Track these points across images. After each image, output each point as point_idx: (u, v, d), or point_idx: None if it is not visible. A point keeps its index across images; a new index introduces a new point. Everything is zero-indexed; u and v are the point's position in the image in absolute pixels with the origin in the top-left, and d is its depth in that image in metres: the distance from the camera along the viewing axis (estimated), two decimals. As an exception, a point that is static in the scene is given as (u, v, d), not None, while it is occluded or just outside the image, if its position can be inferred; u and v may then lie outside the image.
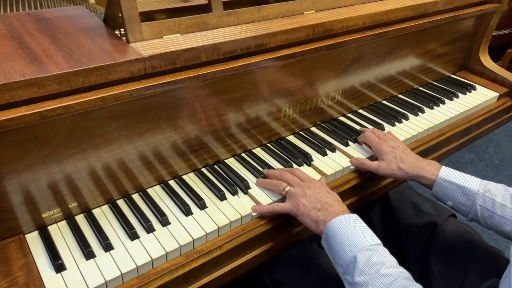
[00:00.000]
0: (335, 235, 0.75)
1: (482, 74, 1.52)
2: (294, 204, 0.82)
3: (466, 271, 0.94)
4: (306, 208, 0.81)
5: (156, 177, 0.89)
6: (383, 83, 1.27)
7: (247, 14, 0.92)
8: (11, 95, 0.62)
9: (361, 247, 0.72)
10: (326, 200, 0.82)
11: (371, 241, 0.74)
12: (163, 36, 0.82)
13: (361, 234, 0.74)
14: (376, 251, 0.72)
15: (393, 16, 1.11)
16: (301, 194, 0.83)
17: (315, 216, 0.80)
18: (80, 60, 0.70)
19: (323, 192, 0.84)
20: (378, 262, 0.70)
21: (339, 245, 0.74)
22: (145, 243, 0.75)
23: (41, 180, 0.73)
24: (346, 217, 0.77)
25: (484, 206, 0.86)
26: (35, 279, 0.67)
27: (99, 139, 0.76)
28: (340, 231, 0.75)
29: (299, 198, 0.82)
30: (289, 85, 1.00)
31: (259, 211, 0.84)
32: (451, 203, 0.91)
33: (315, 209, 0.80)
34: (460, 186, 0.88)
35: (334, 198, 0.83)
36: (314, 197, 0.82)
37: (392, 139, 1.01)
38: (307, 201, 0.82)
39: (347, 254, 0.73)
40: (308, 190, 0.83)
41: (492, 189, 0.87)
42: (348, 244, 0.73)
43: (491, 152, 2.47)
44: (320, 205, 0.81)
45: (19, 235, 0.74)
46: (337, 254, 0.74)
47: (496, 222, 0.85)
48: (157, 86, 0.75)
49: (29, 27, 0.82)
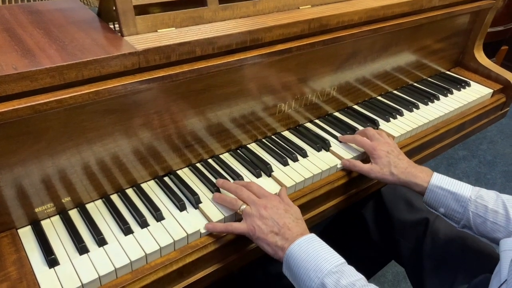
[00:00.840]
0: (297, 263, 0.71)
1: (477, 70, 1.52)
2: (249, 227, 0.77)
3: (458, 266, 0.95)
4: (263, 232, 0.76)
5: (150, 172, 0.88)
6: (378, 79, 1.27)
7: (242, 8, 0.92)
8: (3, 88, 0.62)
9: (326, 271, 0.69)
10: (284, 221, 0.76)
11: (335, 261, 0.70)
12: (157, 29, 0.81)
13: (324, 256, 0.71)
14: (343, 272, 0.69)
15: (389, 11, 1.11)
16: (257, 216, 0.77)
17: (273, 241, 0.75)
18: (73, 53, 0.69)
19: (280, 212, 0.78)
20: (348, 285, 0.67)
21: (303, 272, 0.70)
22: (139, 238, 0.75)
23: (34, 175, 0.72)
24: (304, 239, 0.73)
25: (477, 213, 0.86)
26: (28, 274, 0.67)
27: (92, 134, 0.75)
28: (301, 257, 0.71)
29: (255, 220, 0.77)
30: (284, 80, 1.00)
31: (212, 230, 0.79)
32: (443, 210, 0.90)
33: (272, 233, 0.75)
34: (452, 193, 0.88)
35: (292, 218, 0.78)
36: (271, 219, 0.76)
37: (386, 143, 0.99)
38: (263, 223, 0.76)
39: (313, 281, 0.69)
40: (264, 210, 0.78)
41: (484, 196, 0.86)
42: (312, 270, 0.70)
43: (484, 149, 2.48)
44: (277, 228, 0.76)
45: (12, 230, 0.74)
46: (303, 282, 0.71)
47: (488, 229, 0.85)
48: (151, 80, 0.75)
49: (22, 19, 0.81)
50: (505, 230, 0.83)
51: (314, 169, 0.96)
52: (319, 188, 0.95)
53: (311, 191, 0.93)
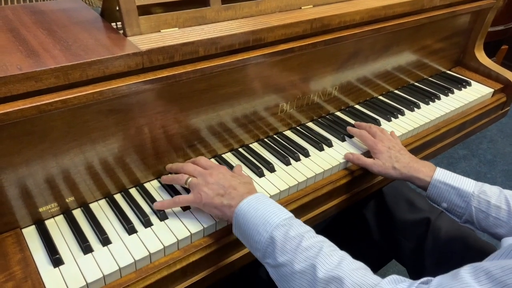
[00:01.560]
0: (245, 220, 0.71)
1: (477, 70, 1.53)
2: (196, 195, 0.78)
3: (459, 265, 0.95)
4: (209, 197, 0.76)
5: (154, 172, 0.88)
6: (379, 78, 1.27)
7: (245, 9, 0.92)
8: (8, 88, 0.62)
9: (275, 224, 0.68)
10: (229, 183, 0.77)
11: (283, 215, 0.70)
12: (160, 30, 0.82)
13: (272, 211, 0.70)
14: (292, 225, 0.69)
15: (391, 11, 1.12)
16: (203, 183, 0.78)
17: (219, 202, 0.75)
18: (77, 53, 0.69)
19: (227, 177, 0.78)
20: (296, 236, 0.67)
21: (252, 228, 0.70)
22: (143, 237, 0.75)
23: (38, 174, 0.72)
24: (252, 197, 0.73)
25: (479, 208, 0.86)
26: (33, 274, 0.67)
27: (96, 133, 0.75)
28: (250, 213, 0.71)
29: (201, 188, 0.77)
30: (286, 80, 1.00)
31: (160, 207, 0.80)
32: (446, 204, 0.90)
33: (218, 196, 0.76)
34: (455, 188, 0.88)
35: (239, 180, 0.78)
36: (216, 184, 0.77)
37: (388, 139, 1.00)
38: (209, 189, 0.77)
39: (262, 236, 0.68)
40: (210, 177, 0.78)
41: (487, 191, 0.87)
42: (261, 225, 0.69)
43: (485, 148, 2.49)
44: (223, 190, 0.76)
45: (16, 230, 0.74)
46: (252, 239, 0.70)
47: (490, 224, 0.85)
48: (155, 80, 0.75)
49: (25, 20, 0.81)
50: (507, 226, 0.84)
51: (316, 168, 0.96)
52: (321, 188, 0.95)
53: (314, 191, 0.94)
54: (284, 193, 0.90)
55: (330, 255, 0.64)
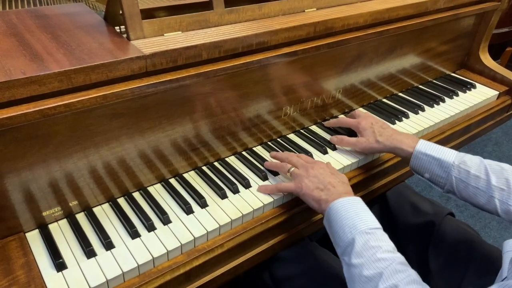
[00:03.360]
0: (336, 217, 0.76)
1: (482, 72, 1.52)
2: (297, 184, 0.84)
3: (464, 269, 0.95)
4: (309, 188, 0.82)
5: (157, 176, 0.88)
6: (383, 81, 1.27)
7: (248, 12, 0.92)
8: (12, 93, 0.62)
9: (360, 230, 0.73)
10: (329, 180, 0.83)
11: (371, 224, 0.74)
12: (164, 33, 0.82)
13: (361, 217, 0.75)
14: (375, 234, 0.73)
15: (394, 14, 1.11)
16: (304, 175, 0.85)
17: (318, 196, 0.81)
18: (81, 57, 0.69)
19: (326, 173, 0.85)
20: (375, 246, 0.71)
21: (340, 226, 0.75)
22: (146, 241, 0.75)
23: (41, 179, 0.72)
24: (348, 199, 0.78)
25: (459, 178, 0.88)
26: (36, 278, 0.67)
27: (100, 137, 0.75)
28: (341, 213, 0.76)
29: (302, 179, 0.84)
30: (290, 83, 1.00)
31: (264, 191, 0.88)
32: (428, 175, 0.92)
33: (317, 189, 0.82)
34: (436, 159, 0.90)
35: (338, 179, 0.84)
36: (317, 178, 0.83)
37: (370, 117, 1.04)
38: (310, 181, 0.83)
39: (346, 235, 0.73)
40: (312, 170, 0.85)
41: (467, 161, 0.88)
42: (348, 226, 0.74)
43: (490, 151, 2.47)
44: (322, 185, 0.82)
45: (20, 234, 0.74)
46: (337, 235, 0.75)
47: (470, 194, 0.87)
48: (158, 84, 0.75)
49: (29, 24, 0.81)
50: (485, 195, 0.86)
51: (320, 172, 0.96)
52: (325, 191, 0.94)
53: (317, 194, 0.93)
54: (288, 197, 0.90)
55: (398, 270, 0.68)
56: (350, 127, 1.06)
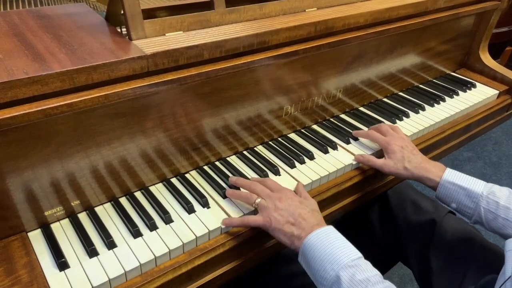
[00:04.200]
0: (313, 254, 0.72)
1: (482, 71, 1.52)
2: (265, 219, 0.78)
3: (465, 267, 0.95)
4: (279, 223, 0.76)
5: (159, 175, 0.88)
6: (383, 80, 1.27)
7: (249, 12, 0.92)
8: (14, 92, 0.62)
9: (342, 264, 0.69)
10: (298, 212, 0.77)
11: (352, 255, 0.70)
12: (165, 33, 0.82)
13: (341, 249, 0.71)
14: (359, 266, 0.69)
15: (394, 13, 1.11)
16: (273, 208, 0.79)
17: (289, 232, 0.76)
18: (83, 57, 0.69)
19: (295, 203, 0.79)
20: (363, 280, 0.67)
21: (319, 263, 0.71)
22: (148, 241, 0.75)
23: (43, 178, 0.72)
24: (321, 231, 0.74)
25: (488, 209, 0.86)
26: (39, 277, 0.67)
27: (101, 137, 0.75)
28: (317, 248, 0.72)
29: (270, 212, 0.78)
30: (290, 83, 1.00)
31: (229, 224, 0.80)
32: (455, 205, 0.90)
33: (288, 224, 0.76)
34: (464, 188, 0.88)
35: (308, 209, 0.79)
36: (286, 210, 0.78)
37: (400, 138, 1.00)
38: (279, 214, 0.77)
39: (328, 273, 0.69)
40: (279, 202, 0.79)
41: (496, 192, 0.86)
42: (328, 261, 0.70)
43: (490, 150, 2.48)
44: (293, 218, 0.76)
45: (22, 233, 0.74)
46: (318, 273, 0.71)
47: (499, 225, 0.85)
48: (160, 84, 0.75)
49: (31, 24, 0.82)
50: None
51: (321, 171, 0.96)
52: (326, 191, 0.95)
53: (318, 194, 0.93)
54: (289, 196, 0.90)
55: None
56: (378, 144, 1.02)
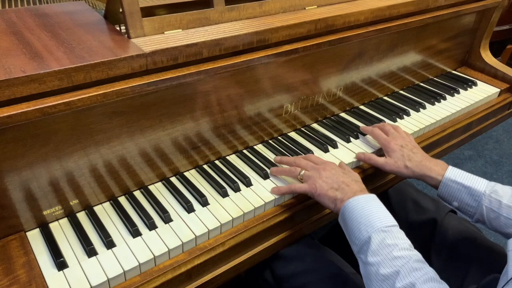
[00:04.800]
0: (351, 215, 0.76)
1: (483, 70, 1.52)
2: (311, 186, 0.84)
3: (467, 266, 0.94)
4: (323, 189, 0.82)
5: (158, 174, 0.88)
6: (384, 79, 1.27)
7: (249, 9, 0.92)
8: (12, 91, 0.62)
9: (376, 228, 0.73)
10: (342, 179, 0.83)
11: (387, 222, 0.74)
12: (164, 31, 0.81)
13: (377, 215, 0.75)
14: (391, 232, 0.73)
15: (395, 11, 1.11)
16: (317, 176, 0.84)
17: (333, 195, 0.81)
18: (81, 55, 0.69)
19: (339, 173, 0.85)
20: (391, 244, 0.71)
21: (355, 225, 0.75)
22: (147, 240, 0.75)
23: (42, 177, 0.72)
24: (363, 197, 0.78)
25: (490, 208, 0.85)
26: (37, 277, 0.67)
27: (100, 136, 0.75)
28: (356, 211, 0.76)
29: (316, 180, 0.84)
30: (290, 81, 1.00)
31: (277, 192, 0.86)
32: (457, 203, 0.90)
33: (332, 189, 0.82)
34: (466, 187, 0.87)
35: (351, 178, 0.84)
36: (330, 178, 0.83)
37: (401, 137, 1.00)
38: (324, 181, 0.83)
39: (362, 234, 0.74)
40: (324, 171, 0.85)
41: (499, 191, 0.86)
42: (364, 224, 0.74)
43: (491, 148, 2.47)
44: (337, 185, 0.82)
45: (20, 233, 0.74)
46: (353, 233, 0.75)
47: (502, 224, 0.85)
48: (159, 82, 0.75)
49: (29, 22, 0.81)
50: None
51: (322, 170, 0.96)
52: (327, 189, 0.94)
53: (319, 192, 0.93)
54: (289, 196, 0.89)
55: (415, 268, 0.68)
56: (378, 142, 1.02)
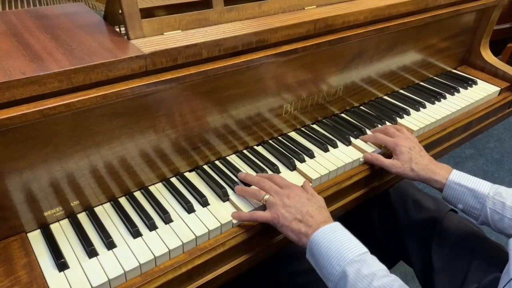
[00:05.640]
0: (319, 250, 0.73)
1: (483, 68, 1.51)
2: (273, 215, 0.79)
3: (468, 265, 0.94)
4: (287, 220, 0.78)
5: (158, 175, 0.88)
6: (384, 78, 1.27)
7: (248, 10, 0.92)
8: (12, 93, 0.62)
9: (348, 259, 0.70)
10: (306, 209, 0.78)
11: (358, 250, 0.71)
12: (163, 32, 0.81)
13: (346, 245, 0.72)
14: (365, 261, 0.70)
15: (395, 10, 1.11)
16: (281, 204, 0.79)
17: (297, 228, 0.77)
18: (80, 57, 0.69)
19: (303, 201, 0.80)
20: (369, 274, 0.68)
21: (326, 260, 0.72)
22: (148, 240, 0.75)
23: (42, 179, 0.72)
24: (327, 228, 0.75)
25: (494, 209, 0.86)
26: (38, 278, 0.67)
27: (100, 137, 0.75)
28: (324, 244, 0.73)
29: (278, 209, 0.79)
30: (290, 81, 1.00)
31: (238, 218, 0.81)
32: (462, 206, 0.91)
33: (296, 221, 0.77)
34: (470, 189, 0.88)
35: (315, 206, 0.80)
36: (294, 207, 0.79)
37: (407, 139, 1.00)
38: (287, 211, 0.78)
39: (335, 269, 0.70)
40: (287, 199, 0.80)
41: (502, 193, 0.86)
42: (335, 258, 0.71)
43: (491, 147, 2.47)
44: (300, 215, 0.78)
45: (21, 234, 0.74)
46: (325, 269, 0.72)
47: (506, 226, 0.85)
48: (158, 83, 0.75)
49: (29, 24, 0.81)
50: None
51: (321, 169, 0.96)
52: (326, 189, 0.94)
53: (319, 192, 0.93)
54: (289, 195, 0.89)
55: None
56: (386, 146, 1.02)
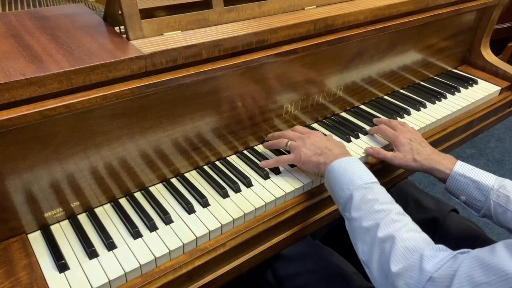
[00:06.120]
0: (334, 176, 0.81)
1: (484, 68, 1.51)
2: (296, 155, 0.90)
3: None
4: (307, 156, 0.88)
5: (158, 175, 0.88)
6: (384, 78, 1.26)
7: (248, 10, 0.92)
8: (12, 94, 0.62)
9: (357, 185, 0.77)
10: (325, 145, 0.88)
11: (367, 179, 0.78)
12: (163, 33, 0.81)
13: (358, 174, 0.79)
14: (371, 188, 0.76)
15: (395, 10, 1.11)
16: (302, 145, 0.90)
17: (316, 160, 0.86)
18: (80, 58, 0.69)
19: (322, 139, 0.90)
20: (372, 199, 0.74)
21: (338, 185, 0.79)
22: (148, 241, 0.75)
23: (43, 180, 0.72)
24: (345, 159, 0.82)
25: (498, 202, 0.85)
26: (39, 279, 0.67)
27: (100, 138, 0.75)
28: (339, 172, 0.80)
29: (300, 149, 0.90)
30: (290, 81, 1.00)
31: (266, 165, 0.93)
32: (464, 197, 0.90)
33: (315, 155, 0.87)
34: (475, 181, 0.88)
35: (334, 143, 0.90)
36: (314, 145, 0.89)
37: (409, 131, 1.01)
38: (308, 149, 0.89)
39: (344, 192, 0.78)
40: (308, 140, 0.91)
41: (507, 186, 0.86)
42: (345, 183, 0.78)
43: (492, 147, 2.46)
44: (320, 150, 0.88)
45: (22, 235, 0.74)
46: (337, 193, 0.80)
47: (508, 219, 0.84)
48: (158, 84, 0.75)
49: (29, 25, 0.81)
50: None
51: (322, 170, 0.96)
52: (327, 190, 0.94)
53: (319, 192, 0.93)
54: (290, 196, 0.89)
55: (394, 220, 0.71)
56: (387, 137, 1.03)
